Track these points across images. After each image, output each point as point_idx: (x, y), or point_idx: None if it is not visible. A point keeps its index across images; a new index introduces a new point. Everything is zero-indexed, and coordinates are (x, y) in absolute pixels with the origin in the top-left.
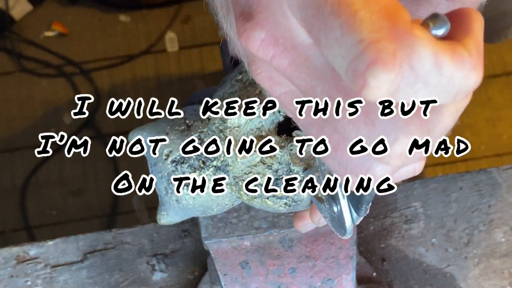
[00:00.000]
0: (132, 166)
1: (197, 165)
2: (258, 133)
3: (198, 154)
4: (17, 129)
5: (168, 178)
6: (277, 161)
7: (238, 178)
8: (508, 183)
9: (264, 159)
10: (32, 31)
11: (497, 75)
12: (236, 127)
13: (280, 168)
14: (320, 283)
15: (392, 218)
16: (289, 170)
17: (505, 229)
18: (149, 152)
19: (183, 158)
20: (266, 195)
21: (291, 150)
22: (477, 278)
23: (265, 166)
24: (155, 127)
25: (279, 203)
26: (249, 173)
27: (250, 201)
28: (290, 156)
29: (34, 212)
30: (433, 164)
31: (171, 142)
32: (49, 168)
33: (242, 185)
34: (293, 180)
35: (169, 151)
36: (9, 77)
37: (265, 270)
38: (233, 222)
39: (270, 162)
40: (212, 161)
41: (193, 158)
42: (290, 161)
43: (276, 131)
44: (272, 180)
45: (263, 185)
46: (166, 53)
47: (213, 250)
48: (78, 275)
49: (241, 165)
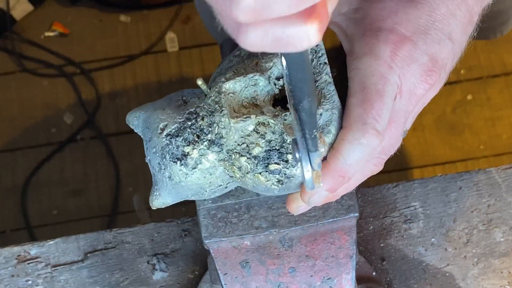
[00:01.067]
0: (132, 166)
1: (192, 138)
2: (253, 102)
3: (193, 128)
4: (18, 129)
5: (162, 153)
6: (270, 130)
7: (231, 151)
8: (507, 182)
9: (257, 128)
10: (33, 31)
11: (496, 75)
12: (231, 93)
13: (274, 138)
14: (320, 283)
15: (391, 218)
16: (282, 141)
17: (504, 228)
18: (144, 128)
19: (177, 132)
20: (258, 170)
21: (285, 120)
22: (477, 277)
23: (258, 135)
24: (152, 105)
25: (272, 180)
26: (243, 144)
27: (243, 178)
28: (284, 125)
29: (35, 211)
30: (432, 164)
31: (167, 116)
32: (50, 168)
33: (235, 158)
34: (287, 154)
35: (165, 125)
36: (10, 77)
37: (265, 269)
38: (233, 222)
39: (263, 131)
40: (207, 135)
41: (188, 132)
42: (283, 131)
43: (271, 102)
44: (265, 150)
45: (256, 158)
46: (166, 53)
47: (213, 249)
48: (79, 275)
49: (234, 136)
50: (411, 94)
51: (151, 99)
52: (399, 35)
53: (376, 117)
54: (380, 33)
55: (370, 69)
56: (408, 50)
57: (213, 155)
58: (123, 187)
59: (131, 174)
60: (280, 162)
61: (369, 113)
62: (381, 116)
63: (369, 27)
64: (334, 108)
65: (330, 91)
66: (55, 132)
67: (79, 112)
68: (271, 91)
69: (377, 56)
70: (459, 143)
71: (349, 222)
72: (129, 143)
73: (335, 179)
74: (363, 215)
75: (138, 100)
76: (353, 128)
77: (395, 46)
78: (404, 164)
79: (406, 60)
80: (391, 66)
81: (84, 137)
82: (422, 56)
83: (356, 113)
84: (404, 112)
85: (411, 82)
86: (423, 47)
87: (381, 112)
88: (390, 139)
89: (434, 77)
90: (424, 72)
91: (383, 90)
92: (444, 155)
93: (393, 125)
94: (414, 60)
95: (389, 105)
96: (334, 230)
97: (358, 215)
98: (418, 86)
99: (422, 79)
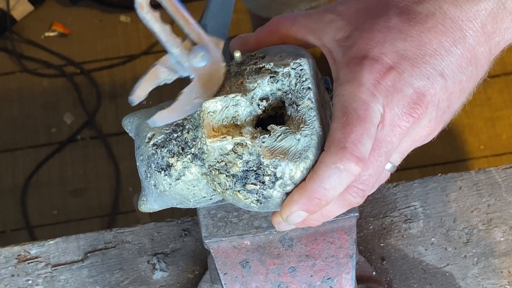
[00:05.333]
0: (132, 166)
1: (176, 150)
2: (233, 122)
3: (178, 140)
4: (18, 129)
5: (148, 162)
6: (247, 151)
7: (212, 167)
8: (507, 182)
9: (235, 148)
10: (33, 31)
11: (496, 75)
12: (211, 112)
13: (251, 159)
14: (320, 282)
15: (391, 218)
16: (260, 163)
17: (504, 228)
18: (135, 135)
19: (163, 142)
20: (237, 188)
21: (263, 143)
22: (476, 277)
23: (236, 155)
24: (146, 112)
25: (250, 198)
26: (222, 162)
27: (223, 193)
28: (261, 148)
29: (35, 211)
30: (432, 164)
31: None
32: (50, 168)
33: (215, 174)
34: (264, 176)
35: (152, 134)
36: (10, 77)
37: (265, 269)
38: (233, 222)
39: (241, 151)
40: (191, 148)
41: (173, 143)
42: (260, 153)
43: (253, 123)
44: (242, 170)
45: (234, 177)
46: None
47: (213, 249)
48: (79, 274)
49: (214, 153)
50: (393, 125)
51: (151, 99)
52: (384, 64)
53: (355, 142)
54: (365, 61)
55: (352, 95)
56: (392, 80)
57: (196, 169)
58: (123, 187)
59: (131, 174)
60: (257, 183)
61: (348, 137)
62: (361, 142)
63: (355, 55)
64: (313, 134)
65: (311, 116)
66: (55, 132)
67: (79, 112)
68: (254, 112)
69: (360, 83)
70: (459, 143)
71: (349, 222)
72: (129, 143)
73: (312, 200)
74: (363, 214)
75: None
76: (331, 152)
77: (379, 75)
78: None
79: (390, 89)
80: (374, 93)
81: (84, 137)
82: (407, 87)
83: (336, 137)
84: (386, 142)
85: (395, 113)
86: (408, 79)
87: (361, 138)
88: (369, 168)
89: (419, 111)
90: (408, 104)
91: (364, 116)
92: (444, 155)
93: (373, 154)
94: (399, 90)
95: (371, 132)
96: (334, 230)
97: (358, 215)
98: (402, 117)
99: (406, 111)
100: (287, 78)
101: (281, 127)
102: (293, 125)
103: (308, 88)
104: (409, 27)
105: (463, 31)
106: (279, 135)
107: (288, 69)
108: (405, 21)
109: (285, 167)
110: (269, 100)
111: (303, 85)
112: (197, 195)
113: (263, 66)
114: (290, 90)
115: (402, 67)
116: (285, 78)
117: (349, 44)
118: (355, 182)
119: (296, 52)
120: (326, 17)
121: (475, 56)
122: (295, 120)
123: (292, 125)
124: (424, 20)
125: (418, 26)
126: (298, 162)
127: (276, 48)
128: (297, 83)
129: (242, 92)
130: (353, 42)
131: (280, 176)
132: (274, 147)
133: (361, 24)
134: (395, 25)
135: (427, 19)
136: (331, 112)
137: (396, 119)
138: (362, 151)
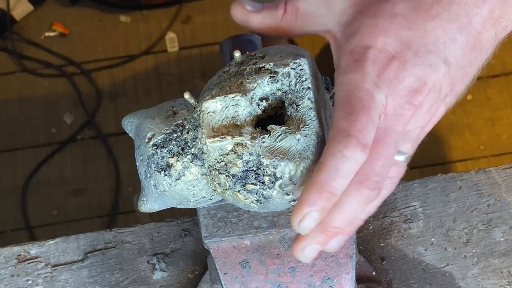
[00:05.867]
0: (132, 166)
1: (176, 150)
2: (233, 122)
3: (178, 140)
4: (18, 129)
5: (148, 162)
6: (247, 152)
7: (212, 167)
8: (507, 182)
9: (235, 148)
10: (33, 31)
11: (496, 75)
12: (211, 112)
13: (251, 159)
14: (319, 282)
15: (391, 218)
16: (259, 163)
17: (504, 228)
18: (135, 135)
19: (163, 143)
20: (237, 188)
21: (263, 143)
22: (476, 277)
23: (236, 155)
24: (145, 112)
25: (250, 199)
26: (221, 162)
27: (223, 193)
28: (261, 148)
29: (35, 211)
30: (432, 164)
31: (155, 126)
32: (50, 168)
33: (215, 174)
34: (263, 176)
35: (152, 134)
36: (10, 77)
37: (265, 269)
38: (233, 222)
39: (241, 151)
40: (190, 148)
41: (173, 144)
42: (260, 153)
43: (253, 123)
44: (242, 170)
45: (234, 177)
46: (167, 53)
47: (213, 249)
48: (79, 274)
49: (214, 153)
50: (396, 115)
51: (151, 99)
52: (388, 54)
53: (361, 129)
54: (369, 51)
55: (356, 85)
56: (395, 70)
57: (195, 169)
58: (123, 187)
59: (131, 174)
60: (257, 183)
61: (354, 125)
62: (367, 130)
63: (359, 43)
64: (313, 134)
65: (311, 116)
66: (55, 132)
67: (79, 112)
68: (254, 112)
69: (364, 73)
70: (459, 143)
71: None
72: (129, 143)
73: (321, 194)
74: None
75: (138, 100)
76: (336, 140)
77: (383, 65)
78: None
79: (393, 80)
80: (378, 84)
81: (84, 137)
82: (409, 77)
83: (340, 125)
84: (391, 132)
85: (397, 102)
86: (411, 69)
87: (366, 126)
88: (380, 159)
89: (419, 99)
90: (409, 93)
91: (369, 105)
92: (444, 155)
93: (380, 144)
94: (401, 80)
95: (375, 121)
96: None
97: None
98: (404, 106)
99: (406, 99)
100: (287, 78)
101: (281, 127)
102: (293, 125)
103: (308, 88)
104: (415, 15)
105: (469, 17)
106: (279, 135)
107: (288, 69)
108: (410, 8)
109: (285, 167)
110: (269, 100)
111: (303, 85)
112: (197, 195)
113: (263, 66)
114: (290, 90)
115: (405, 57)
116: (285, 78)
117: (353, 30)
118: (369, 175)
119: (296, 52)
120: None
121: (480, 41)
122: (295, 120)
123: (292, 125)
124: (430, 6)
125: (423, 13)
126: (298, 162)
127: (276, 48)
128: (297, 83)
129: (242, 92)
130: (356, 28)
131: (280, 176)
132: (274, 147)
133: (365, 7)
134: (400, 11)
135: (432, 5)
136: (331, 112)
137: (399, 109)
138: (367, 138)
